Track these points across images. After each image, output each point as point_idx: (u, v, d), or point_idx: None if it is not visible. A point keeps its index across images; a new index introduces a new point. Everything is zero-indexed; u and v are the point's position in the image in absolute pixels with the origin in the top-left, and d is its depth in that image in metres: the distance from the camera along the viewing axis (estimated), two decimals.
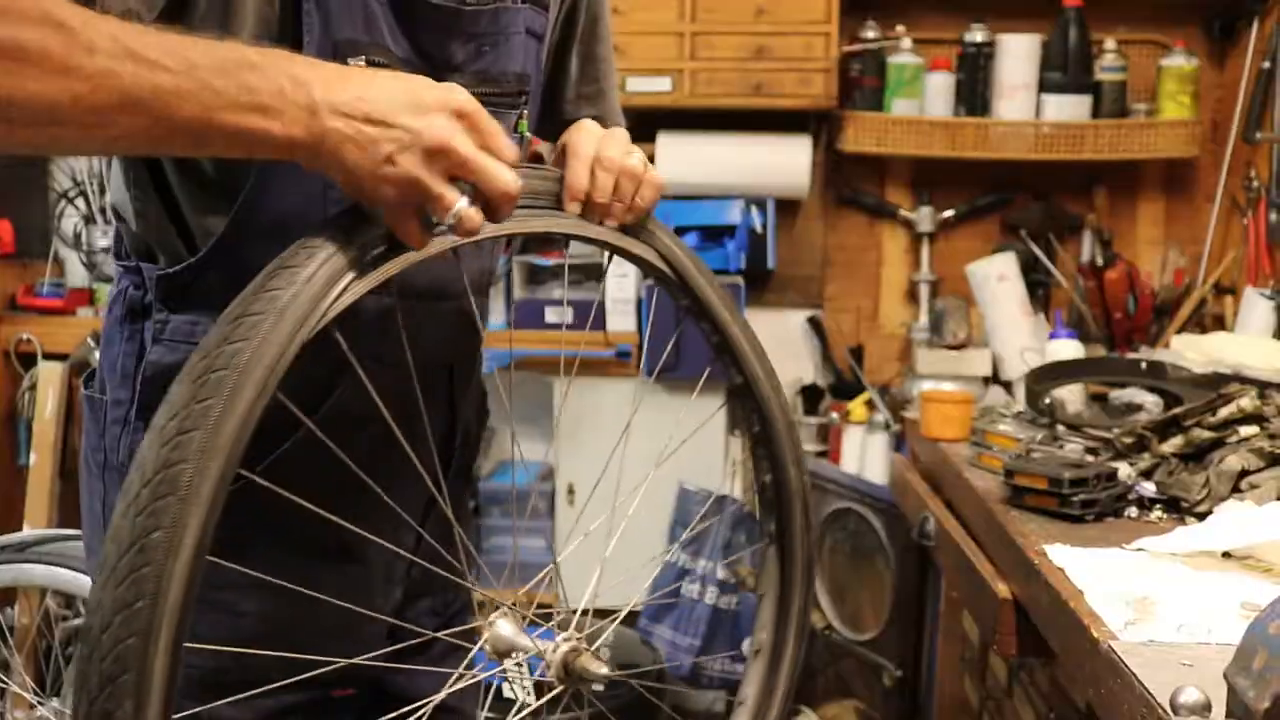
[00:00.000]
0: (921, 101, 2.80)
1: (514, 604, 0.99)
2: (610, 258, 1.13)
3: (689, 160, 2.88)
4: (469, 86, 1.07)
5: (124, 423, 1.06)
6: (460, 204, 0.86)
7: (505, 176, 0.88)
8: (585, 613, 1.05)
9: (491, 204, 0.88)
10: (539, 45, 1.17)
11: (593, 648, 0.99)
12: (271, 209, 1.00)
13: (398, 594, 1.17)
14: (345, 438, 0.99)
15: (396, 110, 0.84)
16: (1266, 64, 2.57)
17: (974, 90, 2.78)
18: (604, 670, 0.92)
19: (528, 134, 1.18)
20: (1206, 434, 1.59)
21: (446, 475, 1.18)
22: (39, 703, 2.28)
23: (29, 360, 2.91)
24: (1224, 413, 1.60)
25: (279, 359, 0.80)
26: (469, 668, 1.03)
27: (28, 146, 0.82)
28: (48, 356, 2.88)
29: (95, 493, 1.11)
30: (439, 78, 1.05)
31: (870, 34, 2.83)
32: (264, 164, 0.98)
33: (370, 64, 0.99)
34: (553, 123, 1.24)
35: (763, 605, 1.24)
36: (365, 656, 1.06)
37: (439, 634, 1.16)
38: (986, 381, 2.68)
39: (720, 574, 2.78)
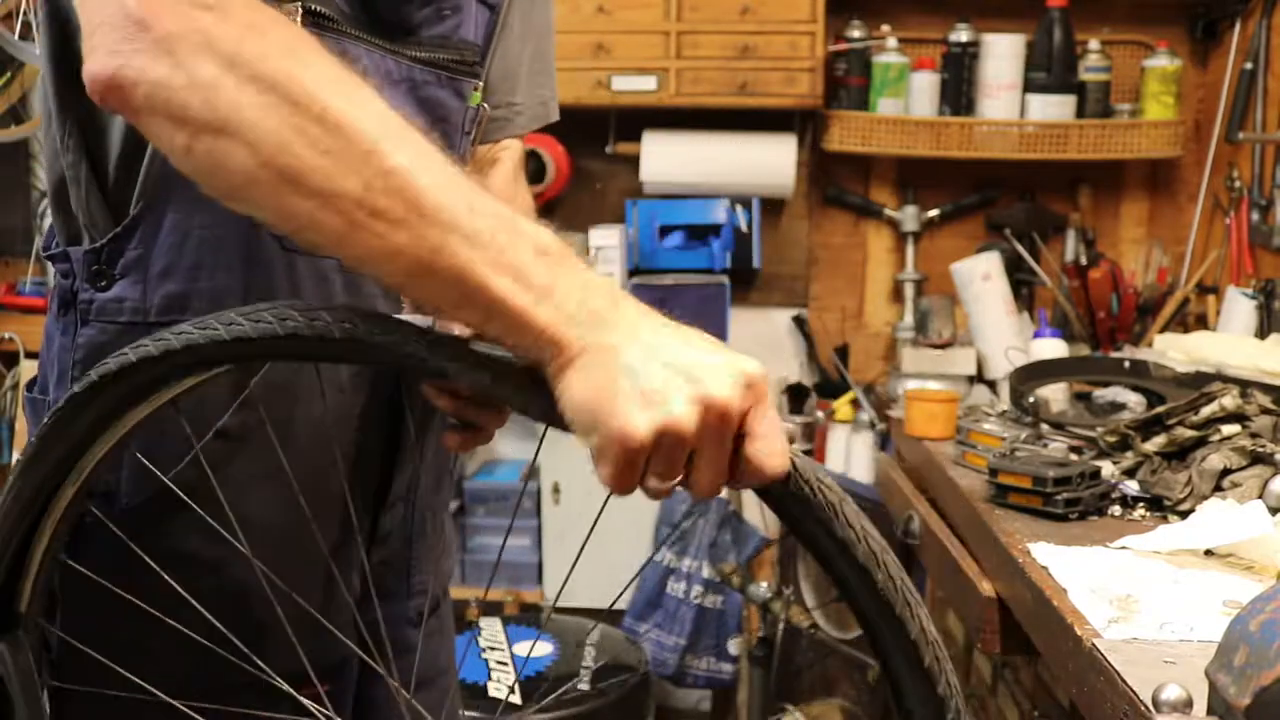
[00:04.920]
0: (906, 101, 2.81)
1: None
2: None
3: (674, 159, 2.88)
4: (428, 51, 1.03)
5: None
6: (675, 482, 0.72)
7: (780, 461, 0.73)
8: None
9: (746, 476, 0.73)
10: (490, 15, 1.11)
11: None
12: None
13: (355, 583, 1.10)
14: (279, 420, 0.94)
15: (691, 362, 0.71)
16: (1249, 64, 2.59)
17: (959, 90, 2.78)
18: None
19: (485, 106, 1.12)
20: (1189, 433, 1.59)
21: (397, 461, 1.10)
22: None
23: (11, 359, 2.90)
24: (1206, 411, 1.61)
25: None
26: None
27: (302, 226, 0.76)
28: (30, 355, 2.86)
29: None
30: (393, 41, 0.99)
31: (855, 33, 2.83)
32: None
33: (307, 12, 0.93)
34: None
35: None
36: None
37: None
38: (971, 380, 2.69)
39: (706, 573, 2.78)
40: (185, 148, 0.75)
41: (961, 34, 2.78)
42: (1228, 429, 1.59)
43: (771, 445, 0.72)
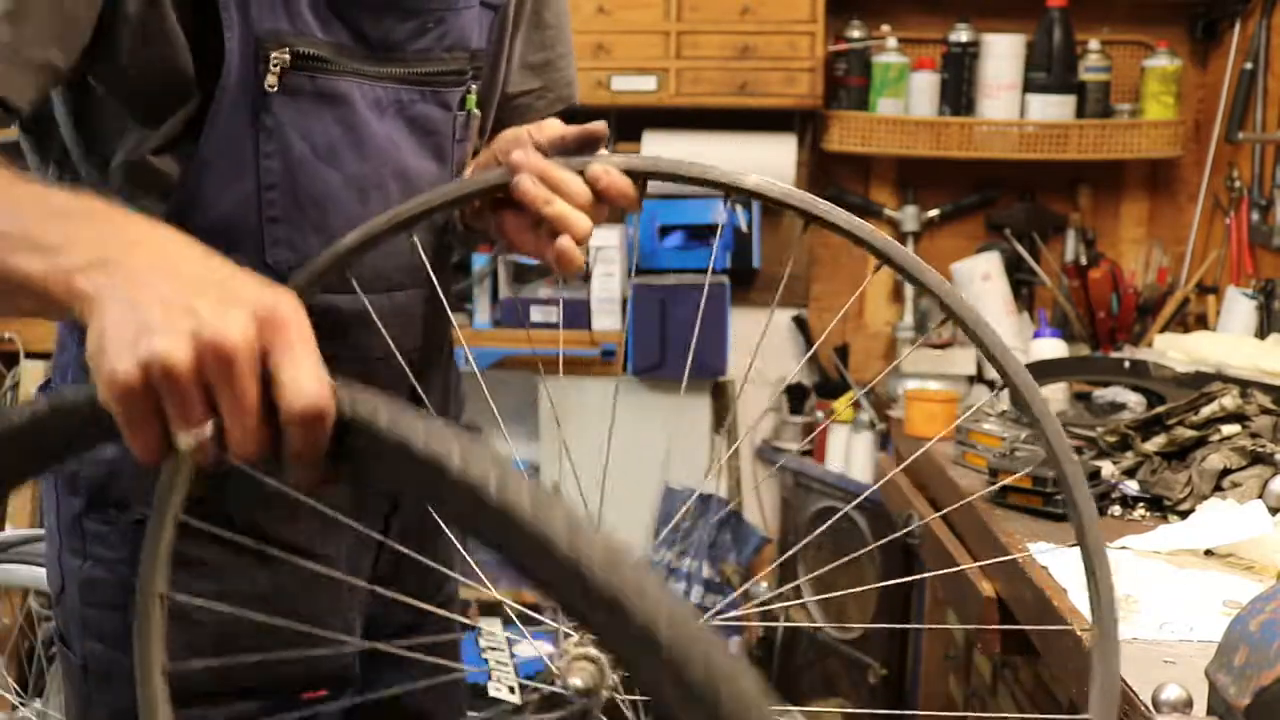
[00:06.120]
0: (906, 101, 2.81)
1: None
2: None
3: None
4: (406, 65, 1.05)
5: None
6: (208, 429, 0.63)
7: (308, 395, 0.62)
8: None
9: (287, 430, 0.63)
10: (493, 15, 1.12)
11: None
12: (206, 211, 0.97)
13: (364, 589, 1.11)
14: None
15: (197, 294, 0.64)
16: (1249, 64, 2.59)
17: (959, 90, 2.78)
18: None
19: (475, 111, 1.14)
20: (1189, 433, 1.59)
21: None
22: (21, 703, 2.26)
23: (11, 359, 2.90)
24: (1206, 411, 1.61)
25: None
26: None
27: None
28: (30, 355, 2.86)
29: (50, 506, 1.07)
30: (380, 62, 1.03)
31: (855, 33, 2.83)
32: (198, 167, 0.97)
33: (295, 55, 0.97)
34: (498, 94, 1.19)
35: None
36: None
37: (416, 645, 1.14)
38: (971, 380, 2.69)
39: (706, 573, 2.78)
40: None
41: (961, 34, 2.77)
42: (1228, 429, 1.59)
43: (297, 383, 0.61)
